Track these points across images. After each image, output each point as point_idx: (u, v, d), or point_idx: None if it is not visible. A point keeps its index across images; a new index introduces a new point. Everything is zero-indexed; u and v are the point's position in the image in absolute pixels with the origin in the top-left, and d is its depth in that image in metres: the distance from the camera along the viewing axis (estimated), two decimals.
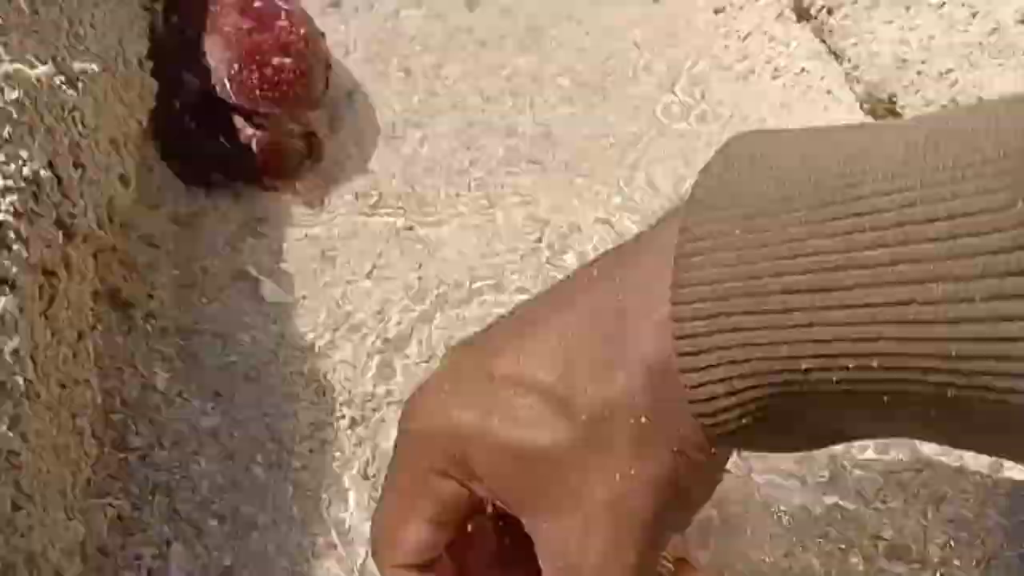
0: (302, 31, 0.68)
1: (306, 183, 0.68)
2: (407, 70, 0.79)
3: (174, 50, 0.64)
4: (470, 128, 0.75)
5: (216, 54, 0.64)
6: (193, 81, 0.64)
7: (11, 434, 0.34)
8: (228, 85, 0.63)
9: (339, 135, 0.72)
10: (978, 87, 0.61)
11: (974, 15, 0.65)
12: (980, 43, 0.62)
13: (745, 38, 0.82)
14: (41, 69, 0.43)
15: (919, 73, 0.65)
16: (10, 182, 0.38)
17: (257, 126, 0.65)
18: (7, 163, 0.38)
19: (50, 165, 0.42)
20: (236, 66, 0.63)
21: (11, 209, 0.37)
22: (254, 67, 0.64)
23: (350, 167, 0.70)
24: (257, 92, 0.63)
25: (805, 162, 0.28)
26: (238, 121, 0.65)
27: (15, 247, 0.37)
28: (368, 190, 0.69)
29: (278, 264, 0.63)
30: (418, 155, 0.72)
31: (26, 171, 0.39)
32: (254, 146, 0.64)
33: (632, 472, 0.32)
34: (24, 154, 0.39)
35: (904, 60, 0.66)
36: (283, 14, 0.67)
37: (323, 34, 0.74)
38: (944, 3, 0.67)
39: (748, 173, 0.30)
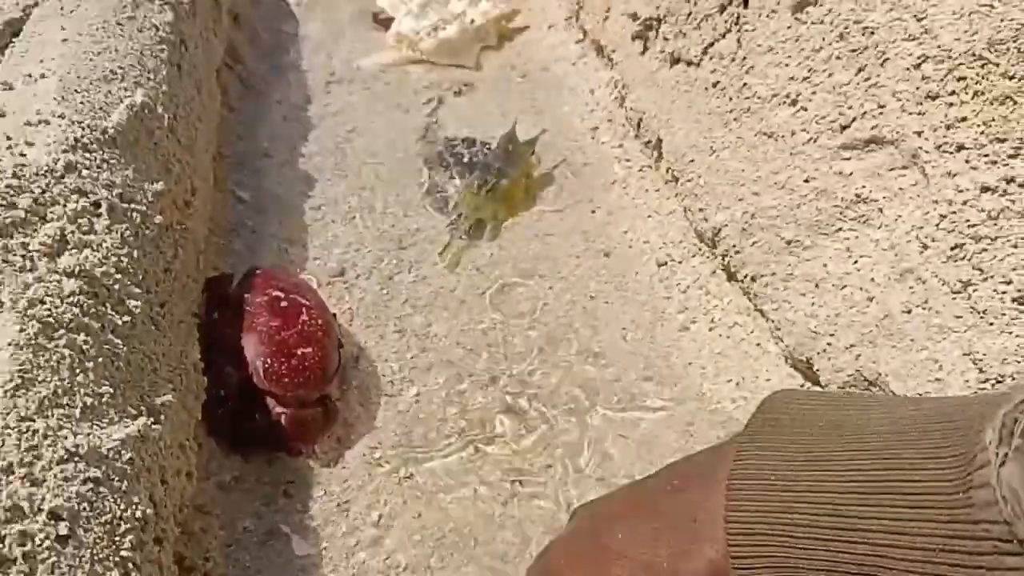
0: (320, 322, 0.84)
1: (323, 446, 0.83)
2: (401, 331, 0.96)
3: (219, 349, 0.80)
4: (455, 380, 0.90)
5: (251, 350, 0.80)
6: (234, 374, 0.80)
7: None
8: (262, 376, 0.79)
9: (348, 396, 0.88)
10: (877, 363, 0.75)
11: (870, 300, 0.79)
12: (876, 326, 0.77)
13: (685, 291, 0.99)
14: (140, 421, 0.59)
15: (829, 344, 0.81)
16: (128, 524, 0.53)
17: (285, 404, 0.80)
18: (126, 509, 0.53)
19: (150, 498, 0.57)
20: (268, 360, 0.79)
21: (129, 545, 0.52)
22: (283, 359, 0.80)
23: (359, 427, 0.86)
24: (285, 380, 0.79)
25: (825, 428, 0.43)
26: (270, 402, 0.80)
27: (132, 575, 0.52)
28: (374, 444, 0.85)
29: (304, 521, 0.78)
30: (414, 410, 0.88)
31: (138, 513, 0.54)
32: (283, 421, 0.80)
33: None
34: (135, 499, 0.54)
35: (815, 332, 0.82)
36: (304, 310, 0.84)
37: (335, 315, 0.90)
38: (845, 286, 0.82)
39: (780, 429, 0.45)
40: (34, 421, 0.50)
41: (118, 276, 0.65)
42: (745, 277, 0.91)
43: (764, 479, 0.43)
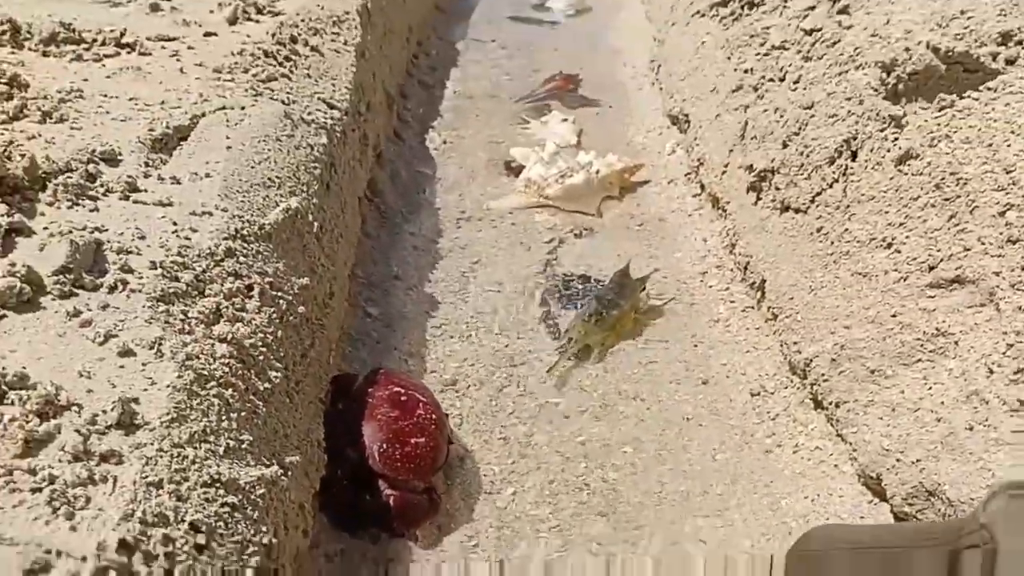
0: (434, 417, 0.92)
1: (424, 530, 0.90)
2: (505, 438, 1.02)
3: (340, 435, 0.89)
4: (551, 484, 0.96)
5: (370, 435, 0.89)
6: (352, 455, 0.88)
7: None
8: (378, 459, 0.87)
9: (451, 491, 0.95)
10: (938, 475, 0.79)
11: (939, 421, 0.83)
12: (940, 442, 0.81)
13: (775, 418, 1.03)
14: (273, 468, 0.67)
15: (897, 460, 0.84)
16: (255, 548, 0.60)
17: (393, 487, 0.88)
18: (255, 535, 0.61)
19: (274, 534, 0.65)
20: (385, 446, 0.88)
21: (255, 564, 0.60)
22: (398, 445, 0.88)
23: (459, 517, 0.92)
24: (398, 464, 0.87)
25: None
26: (381, 484, 0.88)
27: None
28: (471, 534, 0.90)
29: None
30: (510, 507, 0.93)
31: (264, 540, 0.62)
32: (391, 503, 0.87)
33: None
34: (264, 528, 0.62)
35: (887, 451, 0.86)
36: (421, 405, 0.93)
37: (447, 415, 0.98)
38: (918, 409, 0.86)
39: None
40: (184, 448, 0.59)
41: (263, 349, 0.76)
42: (830, 404, 0.97)
43: None
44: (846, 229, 1.01)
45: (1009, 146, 0.89)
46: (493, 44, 2.35)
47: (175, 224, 0.82)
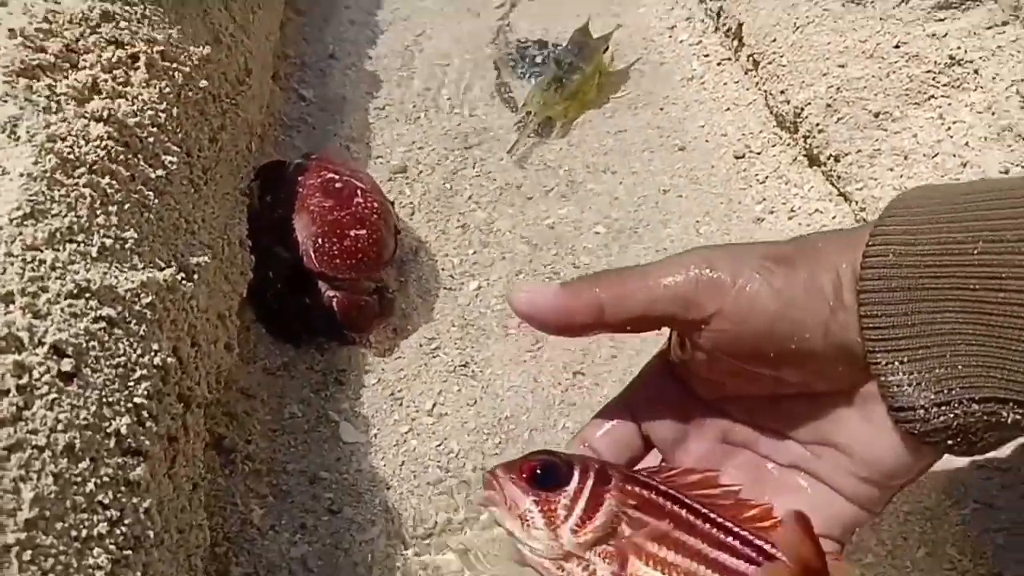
0: (375, 204, 0.80)
1: (378, 334, 0.79)
2: (464, 226, 0.90)
3: (268, 228, 0.77)
4: (518, 276, 0.85)
5: (303, 230, 0.76)
6: (284, 254, 0.76)
7: None
8: (313, 256, 0.75)
9: (406, 288, 0.84)
10: None
11: (964, 164, 0.73)
12: None
13: (764, 181, 0.91)
14: (167, 271, 0.55)
15: None
16: (144, 371, 0.49)
17: (336, 288, 0.76)
18: (143, 355, 0.49)
19: (174, 350, 0.53)
20: (320, 240, 0.75)
21: (145, 393, 0.49)
22: (335, 240, 0.76)
23: (416, 317, 0.81)
24: (337, 261, 0.75)
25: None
26: (321, 286, 0.76)
27: (148, 424, 0.48)
28: (431, 335, 0.80)
29: (355, 408, 0.74)
30: (474, 303, 0.83)
31: (156, 360, 0.50)
32: (335, 306, 0.76)
33: None
34: (155, 346, 0.51)
35: None
36: (359, 191, 0.80)
37: (393, 202, 0.86)
38: (937, 153, 0.75)
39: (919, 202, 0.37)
40: (41, 251, 0.47)
41: (153, 130, 0.62)
42: (828, 158, 0.84)
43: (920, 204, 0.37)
44: None
45: None
46: None
47: None
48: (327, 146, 0.99)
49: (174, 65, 0.68)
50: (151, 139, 0.61)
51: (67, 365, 0.44)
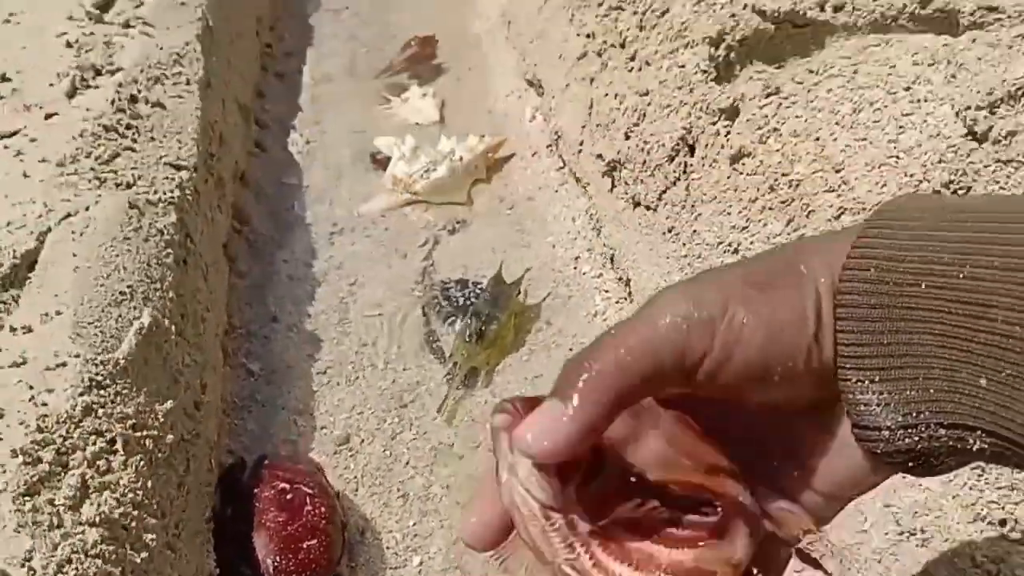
0: (323, 509, 0.93)
1: None
2: (404, 496, 1.03)
3: (231, 540, 0.89)
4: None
5: (262, 548, 0.89)
6: (247, 572, 0.88)
7: None
8: (272, 574, 0.87)
9: (356, 574, 0.96)
10: None
11: None
12: None
13: None
14: None
15: None
16: None
17: None
18: None
19: None
20: (278, 558, 0.88)
21: None
22: (290, 556, 0.88)
23: None
24: (293, 574, 0.88)
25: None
26: None
27: None
28: None
29: None
30: None
31: None
32: None
33: None
34: None
35: None
36: (308, 499, 0.93)
37: (339, 494, 0.99)
38: None
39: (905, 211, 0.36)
40: None
41: (135, 513, 0.74)
42: None
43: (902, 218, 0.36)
44: (695, 231, 1.01)
45: (835, 140, 0.89)
46: (347, 12, 2.23)
47: (31, 389, 0.78)
48: (275, 438, 1.11)
49: (144, 434, 0.81)
50: (134, 524, 0.74)
51: None
